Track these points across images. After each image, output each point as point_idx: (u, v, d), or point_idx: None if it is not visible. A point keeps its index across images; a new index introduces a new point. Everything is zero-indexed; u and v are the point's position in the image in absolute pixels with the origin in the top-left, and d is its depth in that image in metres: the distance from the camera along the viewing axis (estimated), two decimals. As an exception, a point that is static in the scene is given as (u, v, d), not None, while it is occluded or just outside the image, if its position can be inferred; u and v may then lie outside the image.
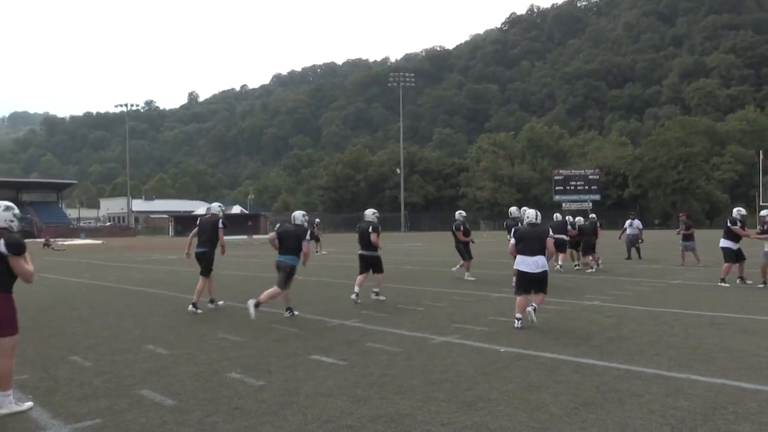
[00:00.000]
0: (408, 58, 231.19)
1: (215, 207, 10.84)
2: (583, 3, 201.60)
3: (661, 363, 6.13)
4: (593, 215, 19.85)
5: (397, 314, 9.54)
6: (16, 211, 5.19)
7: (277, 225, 9.69)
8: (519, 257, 8.39)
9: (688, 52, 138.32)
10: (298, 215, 9.59)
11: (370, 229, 10.93)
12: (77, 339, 7.92)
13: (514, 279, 9.42)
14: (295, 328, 8.40)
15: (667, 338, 7.35)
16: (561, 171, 74.62)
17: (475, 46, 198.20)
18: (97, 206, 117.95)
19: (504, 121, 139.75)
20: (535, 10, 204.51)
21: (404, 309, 10.06)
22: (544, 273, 8.29)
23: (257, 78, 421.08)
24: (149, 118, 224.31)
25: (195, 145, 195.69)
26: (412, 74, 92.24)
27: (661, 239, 34.11)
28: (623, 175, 79.44)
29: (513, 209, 14.79)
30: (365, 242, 11.02)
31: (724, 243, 12.95)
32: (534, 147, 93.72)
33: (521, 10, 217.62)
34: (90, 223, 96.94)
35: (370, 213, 11.32)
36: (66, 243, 48.99)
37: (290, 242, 9.19)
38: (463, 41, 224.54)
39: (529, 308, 8.19)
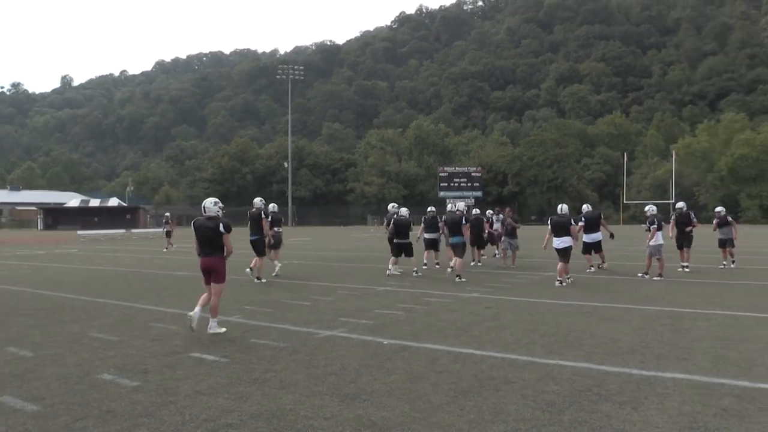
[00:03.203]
0: (298, 50, 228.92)
1: (257, 202, 13.23)
2: (469, 6, 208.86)
3: (534, 350, 6.48)
4: (477, 210, 18.78)
5: (283, 309, 9.44)
6: (221, 204, 7.75)
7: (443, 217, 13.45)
8: (554, 238, 12.13)
9: (564, 58, 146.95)
10: (460, 205, 13.62)
11: (464, 221, 13.05)
12: (-75, 342, 7.18)
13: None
14: (175, 326, 8.09)
15: (540, 327, 7.78)
16: (446, 168, 76.99)
17: (365, 42, 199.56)
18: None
19: (392, 117, 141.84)
20: (424, 10, 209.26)
21: (290, 304, 9.97)
22: (566, 248, 11.96)
23: (138, 64, 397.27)
24: (15, 102, 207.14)
25: (68, 132, 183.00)
26: (302, 67, 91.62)
27: (536, 234, 35.97)
28: (503, 173, 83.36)
29: (461, 205, 16.44)
30: (456, 230, 13.05)
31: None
32: (421, 144, 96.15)
33: (410, 10, 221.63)
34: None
35: (461, 205, 13.89)
36: None
37: (455, 228, 12.97)
38: (353, 37, 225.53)
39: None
